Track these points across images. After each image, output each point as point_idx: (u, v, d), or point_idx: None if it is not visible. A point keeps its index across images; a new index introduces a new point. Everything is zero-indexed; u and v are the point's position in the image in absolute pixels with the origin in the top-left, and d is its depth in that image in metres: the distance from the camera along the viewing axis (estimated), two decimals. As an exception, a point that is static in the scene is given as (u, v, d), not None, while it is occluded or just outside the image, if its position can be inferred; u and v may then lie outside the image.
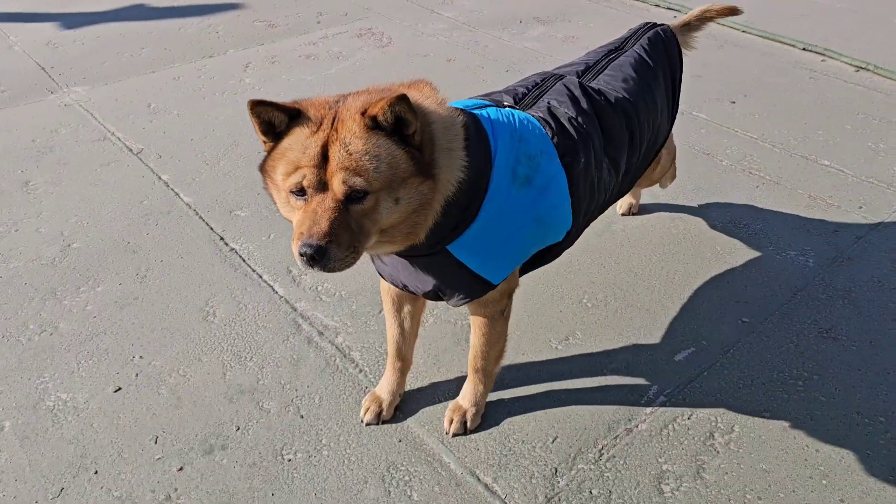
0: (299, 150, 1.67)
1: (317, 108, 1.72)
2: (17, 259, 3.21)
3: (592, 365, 2.62)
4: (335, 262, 1.64)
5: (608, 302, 2.91)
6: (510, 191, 1.94)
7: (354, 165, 1.63)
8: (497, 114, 2.04)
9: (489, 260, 1.98)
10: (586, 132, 2.18)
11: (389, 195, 1.68)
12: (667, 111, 2.69)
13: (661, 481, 2.21)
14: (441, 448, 2.33)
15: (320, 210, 1.64)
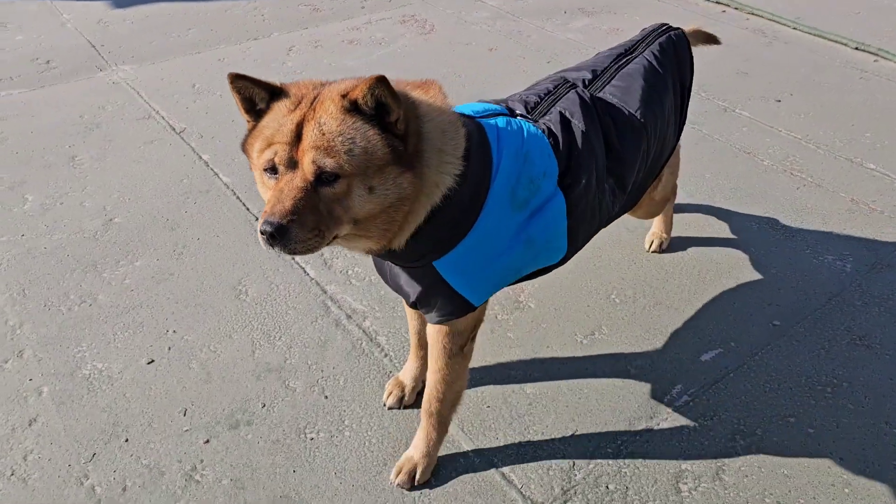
0: (275, 127, 1.64)
1: (299, 87, 1.70)
2: (61, 231, 3.32)
3: (617, 361, 2.62)
4: (296, 243, 1.58)
5: (636, 299, 2.89)
6: (505, 212, 1.87)
7: (326, 145, 1.58)
8: (507, 125, 1.96)
9: (473, 280, 1.91)
10: (592, 150, 2.08)
11: (363, 182, 1.62)
12: (674, 122, 2.54)
13: (679, 480, 2.21)
14: (461, 435, 2.35)
15: (287, 189, 1.60)
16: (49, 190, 3.62)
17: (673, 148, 2.61)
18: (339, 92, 1.64)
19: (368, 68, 4.85)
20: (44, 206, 3.50)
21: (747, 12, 5.67)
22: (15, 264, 3.12)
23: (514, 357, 2.64)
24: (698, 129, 4.06)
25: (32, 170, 3.79)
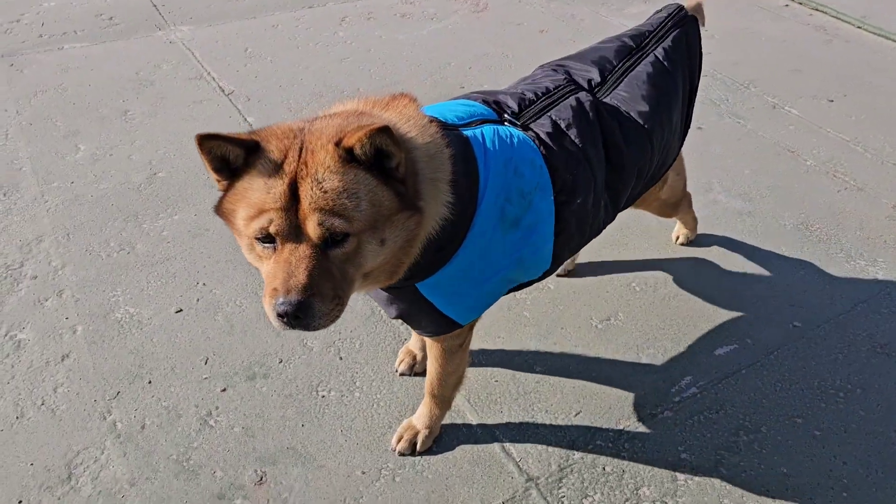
0: (262, 190, 1.44)
1: (279, 138, 1.49)
2: (107, 181, 3.47)
3: (629, 348, 2.63)
4: (320, 318, 1.45)
5: (657, 288, 2.89)
6: (495, 234, 1.74)
7: (331, 205, 1.41)
8: (493, 136, 1.79)
9: (459, 302, 1.81)
10: (590, 167, 1.94)
11: (374, 236, 1.48)
12: (680, 127, 2.37)
13: (676, 469, 2.22)
14: (466, 406, 2.41)
15: (295, 259, 1.43)
16: (100, 141, 3.78)
17: (676, 153, 2.46)
18: (329, 139, 1.46)
19: (418, 44, 4.89)
20: (94, 157, 3.65)
21: (811, 8, 5.51)
22: (63, 209, 3.28)
23: (527, 335, 2.68)
24: (743, 125, 3.99)
25: (87, 121, 3.95)
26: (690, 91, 2.39)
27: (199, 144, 1.46)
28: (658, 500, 2.14)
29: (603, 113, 2.03)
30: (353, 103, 1.73)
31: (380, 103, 1.69)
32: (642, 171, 2.16)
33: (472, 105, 1.92)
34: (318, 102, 4.13)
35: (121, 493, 2.15)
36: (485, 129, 1.80)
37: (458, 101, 1.95)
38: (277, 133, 1.50)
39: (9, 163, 3.59)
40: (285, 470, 2.20)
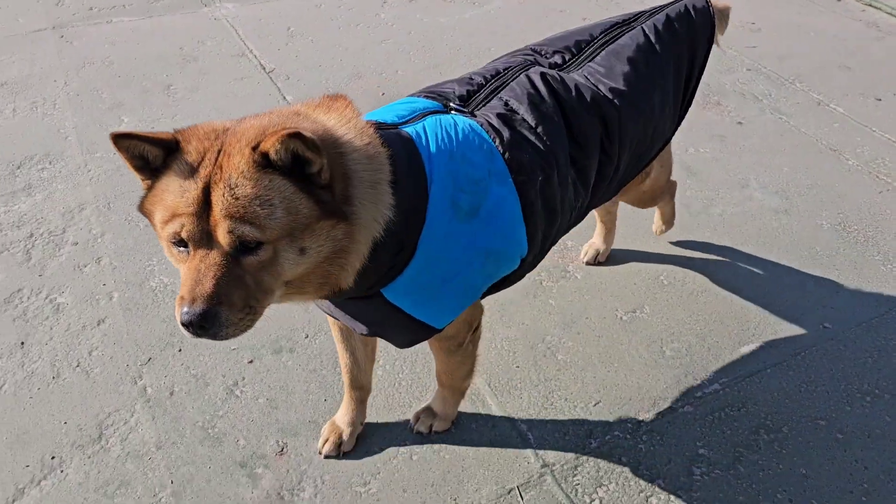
0: (177, 193, 1.38)
1: (200, 138, 1.42)
2: (148, 153, 3.55)
3: (653, 341, 2.62)
4: (228, 327, 1.38)
5: (685, 282, 2.87)
6: (451, 225, 1.65)
7: (242, 212, 1.34)
8: (436, 127, 1.72)
9: (430, 304, 1.72)
10: (548, 143, 1.84)
11: (291, 244, 1.40)
12: (671, 112, 2.21)
13: (693, 463, 2.22)
14: (486, 390, 2.43)
15: (204, 266, 1.37)
16: (143, 114, 3.86)
17: (668, 139, 2.33)
18: (248, 142, 1.39)
19: (460, 28, 4.88)
20: (137, 129, 3.73)
21: (865, 3, 5.35)
22: (105, 179, 3.37)
23: (552, 323, 2.68)
24: (785, 121, 3.92)
25: (131, 94, 4.05)
26: (690, 71, 2.23)
27: (114, 142, 1.40)
28: (673, 493, 2.14)
29: (558, 86, 1.93)
30: (290, 106, 1.66)
31: (320, 105, 1.62)
32: (609, 146, 2.00)
33: (414, 101, 1.85)
34: (357, 83, 4.16)
35: (148, 456, 2.23)
36: (426, 121, 1.73)
37: (400, 101, 1.87)
38: (199, 133, 1.44)
39: (56, 132, 3.70)
40: (306, 442, 2.26)
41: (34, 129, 3.73)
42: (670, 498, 2.13)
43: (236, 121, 1.51)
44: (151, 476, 2.18)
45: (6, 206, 3.21)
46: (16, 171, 3.42)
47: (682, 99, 2.26)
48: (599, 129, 1.96)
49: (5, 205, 3.21)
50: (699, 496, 2.14)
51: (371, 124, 1.62)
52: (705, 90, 4.06)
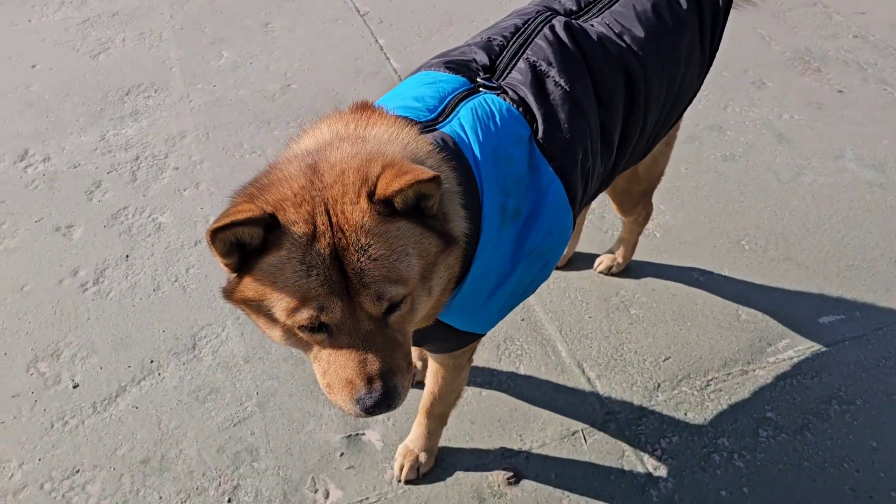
0: (301, 274, 1.20)
1: (295, 203, 1.23)
2: (246, 88, 3.70)
3: (728, 304, 2.62)
4: (403, 393, 1.31)
5: (767, 249, 2.83)
6: (500, 233, 1.51)
7: (385, 273, 1.22)
8: (473, 122, 1.54)
9: (477, 315, 1.60)
10: (583, 110, 1.66)
11: (424, 288, 1.32)
12: (697, 61, 1.99)
13: (760, 426, 2.24)
14: (557, 336, 2.49)
15: (360, 342, 1.25)
16: (242, 50, 4.00)
17: (696, 93, 2.09)
18: (356, 191, 1.24)
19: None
20: (235, 64, 3.88)
21: None
22: (205, 110, 3.54)
23: (627, 278, 2.71)
24: (890, 93, 3.74)
25: (232, 30, 4.19)
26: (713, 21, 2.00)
27: (212, 238, 1.20)
28: (736, 452, 2.17)
29: (583, 38, 1.74)
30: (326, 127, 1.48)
31: (358, 121, 1.46)
32: (635, 106, 1.80)
33: (437, 80, 1.64)
34: (448, 30, 4.18)
35: (236, 367, 2.39)
36: (461, 114, 1.55)
37: (420, 79, 1.67)
38: (289, 197, 1.24)
39: (161, 62, 3.89)
40: (382, 369, 2.37)
41: (141, 59, 3.92)
42: (733, 455, 2.16)
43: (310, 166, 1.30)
44: (239, 386, 2.34)
45: (115, 130, 3.41)
46: (124, 98, 3.63)
47: (708, 47, 2.02)
48: (623, 87, 1.77)
49: (115, 128, 3.42)
50: (763, 457, 2.16)
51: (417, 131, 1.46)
52: (805, 55, 3.92)
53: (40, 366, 2.43)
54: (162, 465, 2.16)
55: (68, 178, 3.17)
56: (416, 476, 2.11)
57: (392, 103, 1.60)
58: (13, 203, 3.05)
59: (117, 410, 2.30)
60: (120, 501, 2.08)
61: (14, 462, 2.17)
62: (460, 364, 1.88)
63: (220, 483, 2.11)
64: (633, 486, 2.09)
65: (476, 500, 2.06)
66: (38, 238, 2.89)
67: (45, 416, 2.29)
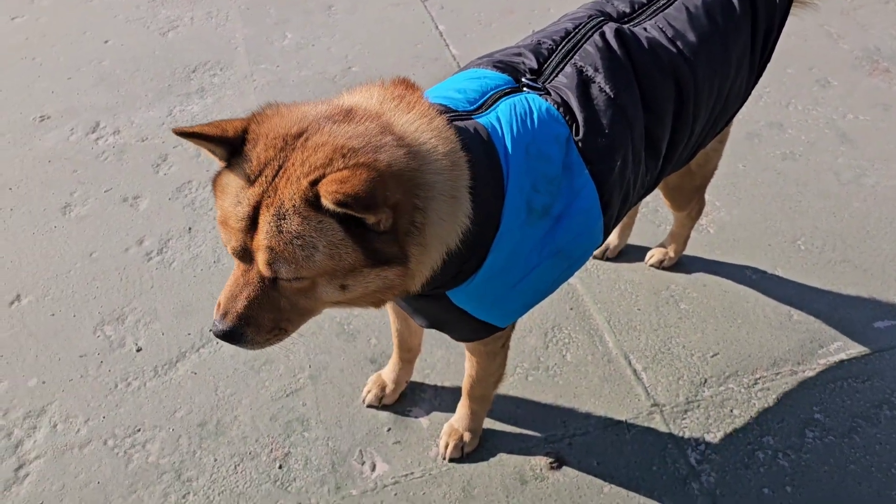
0: (231, 201, 1.31)
1: (266, 144, 1.31)
2: (307, 69, 3.78)
3: (781, 304, 2.59)
4: (253, 344, 1.40)
5: (824, 251, 2.79)
6: (524, 229, 1.53)
7: (282, 248, 1.27)
8: (510, 116, 1.55)
9: (496, 306, 1.64)
10: (628, 115, 1.66)
11: (331, 282, 1.34)
12: (746, 69, 1.96)
13: (807, 426, 2.23)
14: (605, 326, 2.51)
15: (243, 282, 1.35)
16: (305, 32, 4.08)
17: (742, 103, 2.07)
18: (308, 171, 1.26)
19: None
20: (298, 45, 3.97)
21: None
22: (268, 89, 3.63)
23: (678, 273, 2.70)
24: (963, 95, 3.63)
25: (295, 12, 4.27)
26: (768, 29, 1.96)
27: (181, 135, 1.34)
28: (781, 451, 2.17)
29: (633, 45, 1.72)
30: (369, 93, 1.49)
31: (395, 99, 1.46)
32: (684, 112, 1.79)
33: (483, 76, 1.67)
34: (508, 18, 4.19)
35: (290, 340, 2.45)
36: (500, 109, 1.57)
37: (466, 74, 1.70)
38: (269, 135, 1.32)
39: (227, 41, 3.99)
40: (431, 350, 2.43)
41: (208, 38, 4.03)
42: (777, 454, 2.16)
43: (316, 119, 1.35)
44: (293, 358, 2.42)
45: (182, 106, 3.53)
46: (191, 75, 3.74)
47: (759, 54, 1.99)
48: (673, 94, 1.76)
49: (181, 104, 3.54)
50: (808, 458, 2.15)
51: (447, 119, 1.47)
52: (874, 55, 3.82)
53: (106, 329, 2.56)
54: (217, 429, 2.25)
55: (136, 150, 3.29)
56: (460, 455, 2.16)
57: (435, 92, 1.64)
58: (84, 173, 3.19)
59: (177, 375, 2.40)
60: (177, 461, 2.18)
61: (80, 418, 2.30)
62: (493, 351, 1.90)
63: (272, 450, 2.20)
64: (675, 479, 2.11)
65: (518, 482, 2.10)
66: (106, 207, 3.02)
67: (110, 377, 2.41)
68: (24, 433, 2.26)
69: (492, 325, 1.69)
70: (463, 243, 1.45)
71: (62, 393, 2.37)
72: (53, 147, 3.33)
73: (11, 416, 2.31)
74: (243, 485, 2.12)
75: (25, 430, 2.27)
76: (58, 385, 2.39)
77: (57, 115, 3.52)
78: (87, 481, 2.14)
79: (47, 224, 2.96)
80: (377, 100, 1.46)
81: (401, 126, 1.40)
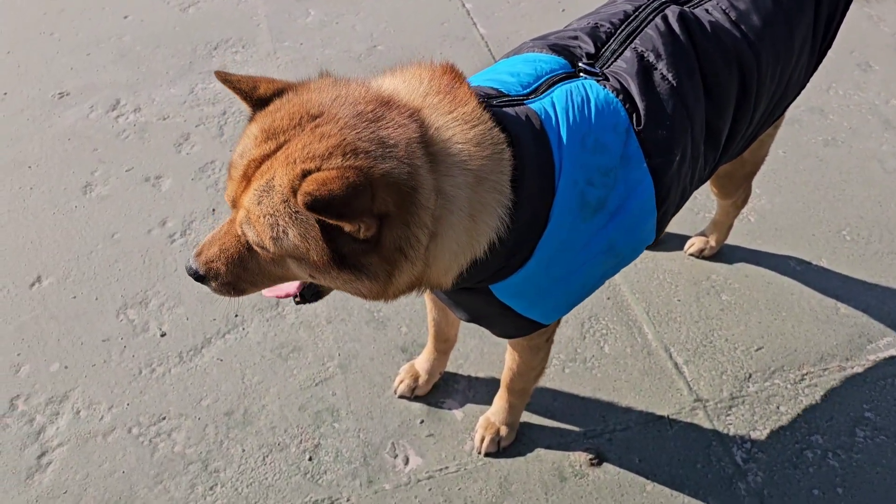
0: (240, 149, 1.31)
1: (285, 114, 1.28)
2: (332, 47, 3.67)
3: (826, 296, 2.49)
4: (214, 290, 1.43)
5: (870, 241, 2.69)
6: (576, 224, 1.46)
7: (255, 218, 1.26)
8: (566, 103, 1.46)
9: (541, 302, 1.58)
10: (688, 109, 1.56)
11: (300, 266, 1.31)
12: (808, 54, 1.85)
13: (857, 425, 2.14)
14: (644, 318, 2.42)
15: (226, 231, 1.37)
16: (329, 9, 3.97)
17: (801, 90, 1.97)
18: (306, 159, 1.21)
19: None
20: (322, 23, 3.86)
21: None
22: (291, 67, 3.53)
23: (718, 263, 2.60)
24: None
25: (318, -12, 4.16)
26: (831, 12, 1.85)
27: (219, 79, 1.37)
28: (831, 450, 2.08)
29: (697, 30, 1.62)
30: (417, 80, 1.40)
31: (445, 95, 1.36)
32: (745, 101, 1.69)
33: (537, 60, 1.57)
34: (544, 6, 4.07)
35: (318, 327, 2.40)
36: (555, 94, 1.47)
37: (520, 58, 1.61)
38: (293, 107, 1.29)
39: (249, 18, 3.89)
40: (464, 340, 2.34)
41: (230, 14, 3.93)
42: (827, 454, 2.07)
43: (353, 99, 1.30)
44: (321, 346, 2.35)
45: (203, 84, 3.43)
46: (213, 52, 3.64)
47: (821, 39, 1.89)
48: (737, 82, 1.65)
49: (203, 82, 3.44)
50: (859, 458, 2.06)
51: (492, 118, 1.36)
52: (920, 38, 3.68)
53: (129, 313, 2.49)
54: (245, 418, 2.18)
55: (158, 129, 3.21)
56: (496, 449, 2.09)
57: (486, 76, 1.56)
58: (105, 151, 3.11)
59: (202, 361, 2.33)
60: (204, 451, 2.11)
61: (104, 404, 2.23)
62: (537, 345, 1.83)
63: (301, 441, 2.13)
64: (720, 478, 2.03)
65: (557, 479, 2.03)
66: (128, 187, 2.94)
67: (134, 363, 2.34)
68: (47, 419, 2.20)
69: (535, 322, 1.62)
70: (497, 247, 1.37)
71: (85, 378, 2.30)
72: (73, 125, 3.25)
73: (33, 402, 2.24)
74: (272, 477, 2.05)
75: (48, 417, 2.21)
76: (80, 370, 2.33)
77: (76, 91, 3.43)
78: (111, 470, 2.08)
79: (68, 203, 2.88)
80: (423, 91, 1.37)
81: (435, 129, 1.31)
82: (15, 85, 3.50)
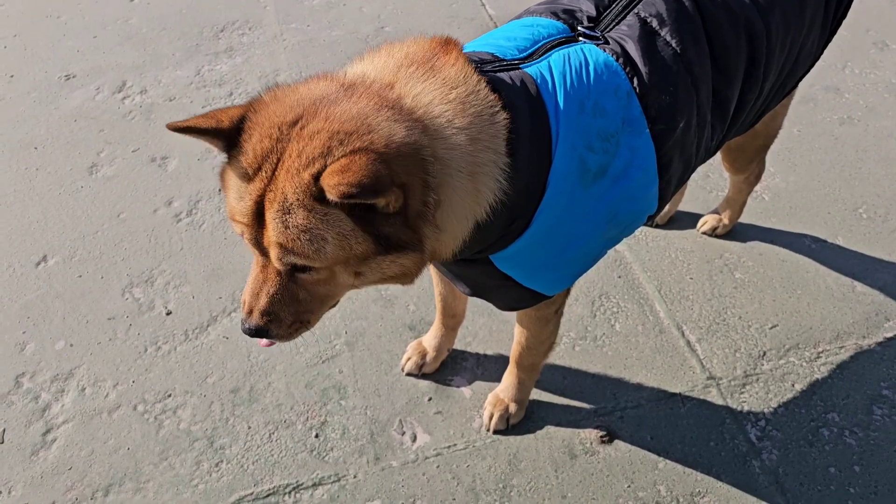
0: (235, 196, 1.26)
1: (262, 134, 1.23)
2: (339, 28, 3.64)
3: (842, 274, 2.44)
4: (279, 337, 1.39)
5: (888, 218, 2.63)
6: (576, 190, 1.42)
7: (291, 244, 1.22)
8: (563, 67, 1.42)
9: (543, 273, 1.55)
10: (694, 73, 1.52)
11: (346, 269, 1.30)
12: (819, 27, 1.82)
13: (874, 403, 2.09)
14: (656, 295, 2.38)
15: (262, 277, 1.33)
16: (336, -9, 3.94)
17: (812, 64, 1.93)
18: (308, 162, 1.19)
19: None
20: (329, 4, 3.82)
21: None
22: (298, 49, 3.50)
23: (732, 241, 2.56)
24: None
25: (325, -30, 4.12)
26: None
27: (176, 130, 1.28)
28: (847, 428, 2.03)
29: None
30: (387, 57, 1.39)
31: (420, 65, 1.34)
32: (754, 70, 1.65)
33: (535, 24, 1.54)
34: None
35: (326, 305, 2.37)
36: (552, 58, 1.44)
37: (519, 22, 1.58)
38: (265, 125, 1.24)
39: (256, 0, 3.86)
40: (472, 317, 2.31)
41: (236, -4, 3.90)
42: (843, 432, 2.03)
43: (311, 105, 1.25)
44: (328, 324, 2.32)
45: (210, 65, 3.41)
46: (219, 34, 3.62)
47: (834, 10, 1.85)
48: (745, 51, 1.62)
49: (210, 63, 3.42)
50: (877, 436, 2.02)
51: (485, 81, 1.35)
52: (938, 16, 3.61)
53: (135, 291, 2.47)
54: (251, 395, 2.16)
55: (164, 110, 3.19)
56: (505, 426, 2.05)
57: (483, 42, 1.54)
58: (111, 132, 3.09)
59: (208, 339, 2.31)
60: (209, 428, 2.09)
61: (109, 382, 2.21)
62: (545, 316, 1.80)
63: (308, 418, 2.10)
64: (734, 456, 1.99)
65: (567, 456, 1.99)
66: (134, 168, 2.92)
67: (139, 340, 2.32)
68: (52, 397, 2.19)
69: (538, 294, 1.59)
70: (496, 212, 1.36)
71: (90, 356, 2.29)
72: (79, 106, 3.24)
73: (39, 379, 2.23)
74: (278, 453, 2.03)
75: (53, 394, 2.19)
76: (86, 348, 2.31)
77: (83, 73, 3.42)
78: (116, 447, 2.06)
79: (74, 184, 2.87)
80: (394, 66, 1.35)
81: (413, 98, 1.30)
82: (22, 67, 3.49)
